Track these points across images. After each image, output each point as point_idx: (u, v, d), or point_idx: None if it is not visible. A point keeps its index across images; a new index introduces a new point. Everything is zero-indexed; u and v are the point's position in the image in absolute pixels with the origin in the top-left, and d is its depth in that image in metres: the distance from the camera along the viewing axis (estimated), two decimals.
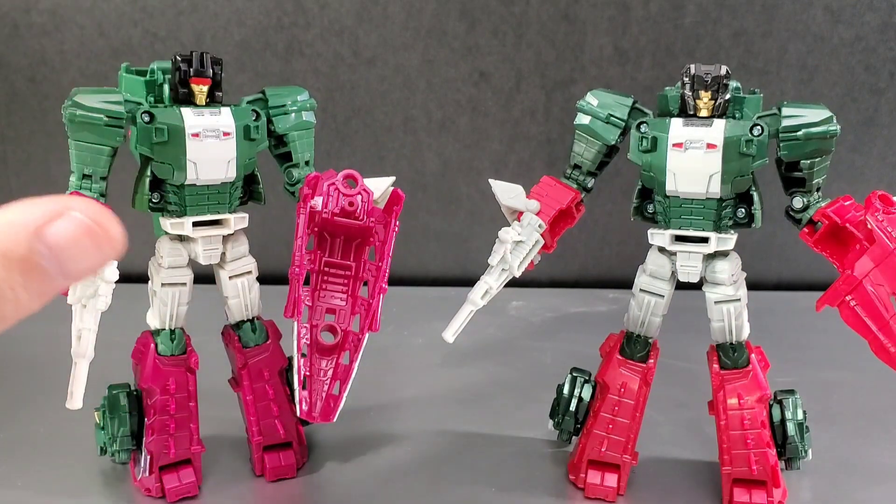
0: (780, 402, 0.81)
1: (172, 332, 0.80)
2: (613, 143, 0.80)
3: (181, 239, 0.80)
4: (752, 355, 0.79)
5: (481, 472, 0.87)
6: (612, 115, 0.79)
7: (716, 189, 0.74)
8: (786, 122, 0.74)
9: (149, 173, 0.76)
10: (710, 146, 0.73)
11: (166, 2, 1.39)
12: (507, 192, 0.81)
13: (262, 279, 0.84)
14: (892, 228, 0.70)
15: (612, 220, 1.49)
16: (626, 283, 0.85)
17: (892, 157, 1.44)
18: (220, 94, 0.77)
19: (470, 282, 0.80)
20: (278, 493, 0.83)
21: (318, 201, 0.76)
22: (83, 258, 0.39)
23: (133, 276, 0.86)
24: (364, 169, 0.79)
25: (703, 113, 0.74)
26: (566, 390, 0.86)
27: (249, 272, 0.83)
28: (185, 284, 0.80)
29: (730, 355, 0.79)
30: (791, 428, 0.80)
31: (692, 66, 0.74)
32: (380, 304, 0.77)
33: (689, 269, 0.78)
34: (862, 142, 1.43)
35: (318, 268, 0.79)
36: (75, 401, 0.68)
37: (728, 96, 0.74)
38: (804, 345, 1.21)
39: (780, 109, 0.75)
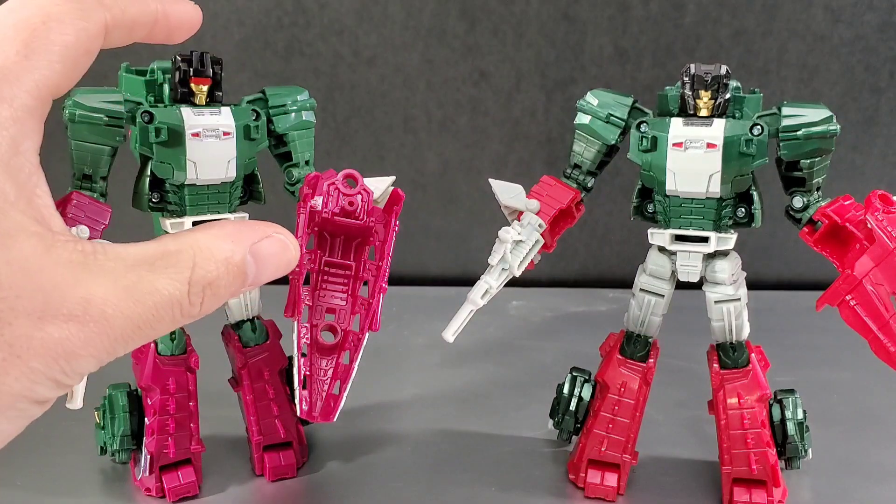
0: (780, 402, 0.81)
1: (172, 331, 0.80)
2: (613, 142, 0.80)
3: None
4: (752, 355, 0.79)
5: (481, 472, 0.87)
6: (612, 115, 0.79)
7: (716, 188, 0.74)
8: (785, 122, 0.74)
9: (149, 173, 0.76)
10: (710, 146, 0.73)
11: None
12: (507, 192, 0.81)
13: None
14: (892, 228, 0.70)
15: (612, 220, 1.49)
16: (626, 283, 0.85)
17: (893, 157, 1.44)
18: (220, 93, 0.77)
19: (470, 282, 0.80)
20: (278, 493, 0.83)
21: (318, 201, 0.76)
22: (273, 271, 0.55)
23: None
24: (364, 169, 0.79)
25: (703, 112, 0.74)
26: (566, 390, 0.86)
27: None
28: None
29: (730, 355, 0.79)
30: (791, 427, 0.80)
31: (692, 66, 0.74)
32: (380, 304, 0.77)
33: (689, 268, 0.78)
34: (862, 141, 1.43)
35: (318, 267, 0.78)
36: (75, 400, 0.68)
37: (728, 96, 0.74)
38: (804, 345, 1.21)
39: (779, 109, 0.75)
